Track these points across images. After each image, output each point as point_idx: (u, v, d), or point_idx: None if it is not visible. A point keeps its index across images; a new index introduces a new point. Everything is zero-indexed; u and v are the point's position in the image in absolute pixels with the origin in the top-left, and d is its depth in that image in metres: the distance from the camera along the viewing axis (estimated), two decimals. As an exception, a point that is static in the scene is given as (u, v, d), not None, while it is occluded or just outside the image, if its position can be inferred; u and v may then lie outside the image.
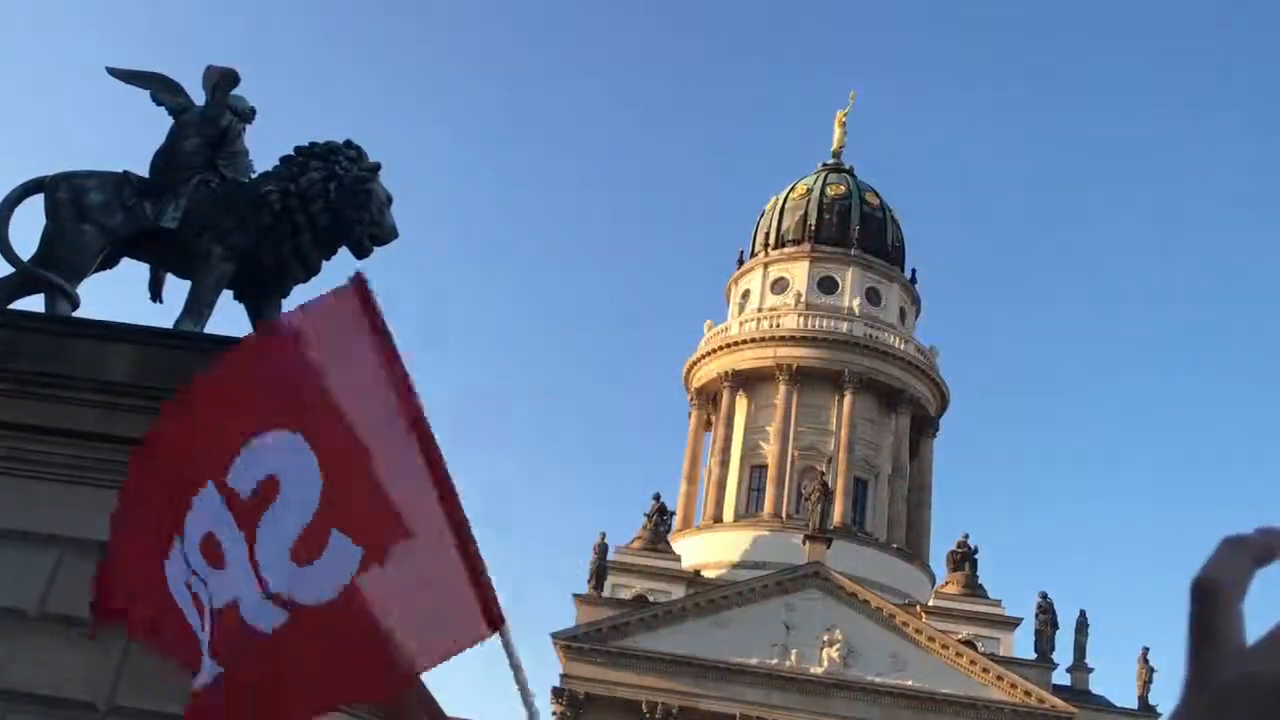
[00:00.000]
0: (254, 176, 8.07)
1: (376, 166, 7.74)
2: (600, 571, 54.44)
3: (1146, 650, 51.41)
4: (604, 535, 55.38)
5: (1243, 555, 0.66)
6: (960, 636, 50.35)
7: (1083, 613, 53.60)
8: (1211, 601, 0.64)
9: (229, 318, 7.95)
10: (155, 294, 8.10)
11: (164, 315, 7.68)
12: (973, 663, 48.83)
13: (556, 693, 50.70)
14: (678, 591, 53.60)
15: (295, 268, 7.71)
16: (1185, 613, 0.64)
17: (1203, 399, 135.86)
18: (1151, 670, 50.90)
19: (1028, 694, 47.89)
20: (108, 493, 6.50)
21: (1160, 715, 50.45)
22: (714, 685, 49.16)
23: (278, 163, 7.85)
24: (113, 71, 8.31)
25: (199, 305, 7.47)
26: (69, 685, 6.06)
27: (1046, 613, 51.15)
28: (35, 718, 5.97)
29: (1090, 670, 52.93)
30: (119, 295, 8.72)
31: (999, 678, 48.34)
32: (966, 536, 56.41)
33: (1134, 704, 50.89)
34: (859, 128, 77.86)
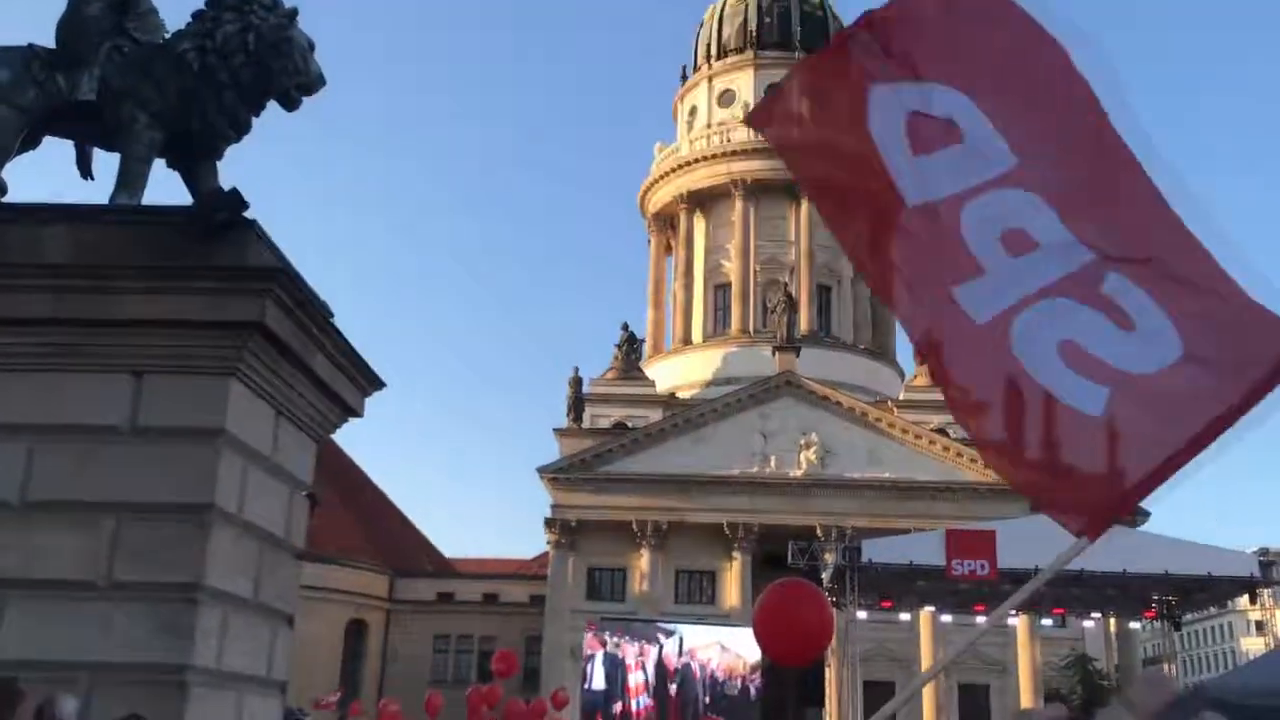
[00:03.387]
0: (167, 37, 7.72)
1: (294, 12, 7.40)
2: (577, 404, 55.27)
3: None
4: (577, 369, 56.07)
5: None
6: (932, 426, 51.78)
7: (1049, 390, 55.21)
8: None
9: (165, 187, 7.73)
10: (84, 171, 7.83)
11: (98, 192, 7.46)
12: (945, 449, 50.39)
13: (548, 523, 52.17)
14: (655, 415, 54.58)
15: (224, 128, 7.47)
16: None
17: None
18: (1117, 437, 52.75)
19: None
20: (66, 377, 6.47)
21: (1127, 478, 52.76)
22: (699, 498, 50.64)
23: (189, 19, 7.49)
24: (-2, -62, 7.81)
25: (132, 177, 7.24)
26: (65, 567, 6.14)
27: (1014, 394, 52.60)
28: (35, 601, 6.08)
29: (1059, 444, 54.82)
30: (46, 176, 8.45)
31: (972, 460, 49.97)
32: (932, 329, 57.41)
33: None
34: (791, -76, 74.92)
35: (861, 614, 30.40)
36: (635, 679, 39.60)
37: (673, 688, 39.43)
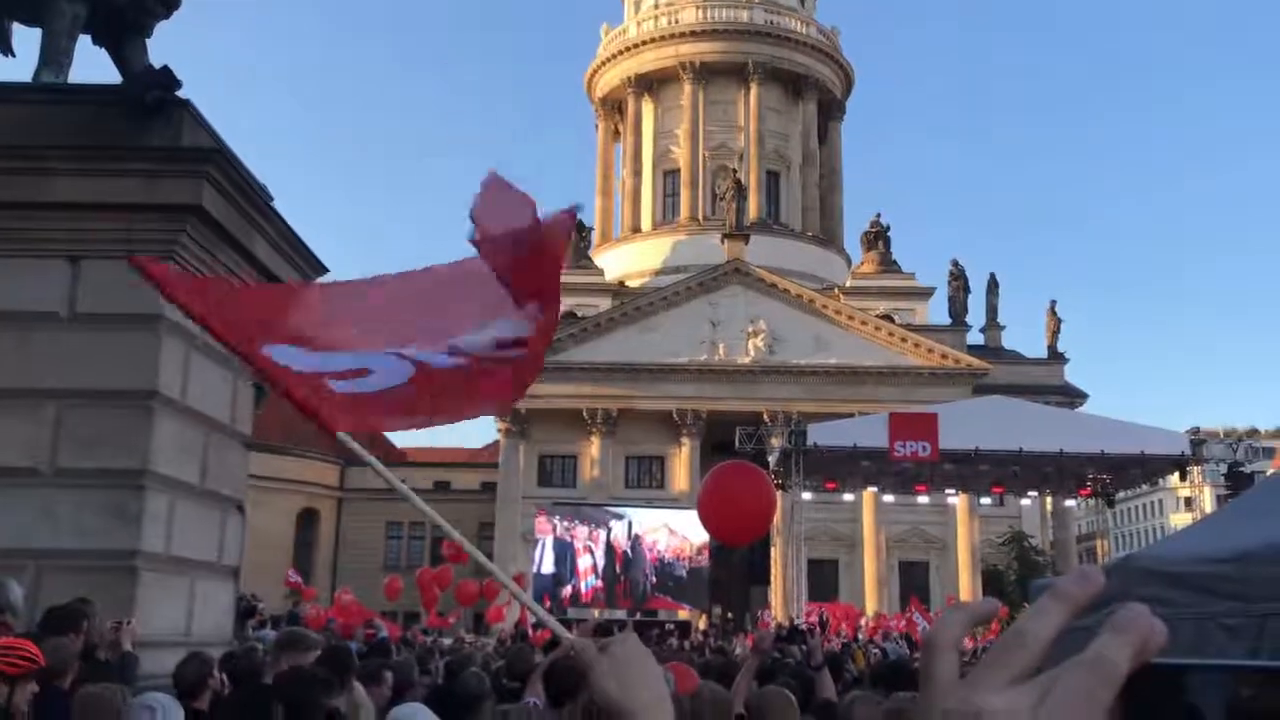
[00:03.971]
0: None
1: (220, -122, 7.07)
2: (526, 293, 55.01)
3: (1054, 303, 53.90)
4: (525, 257, 55.62)
5: (962, 616, 0.83)
6: (878, 312, 52.30)
7: (993, 275, 55.78)
8: (931, 651, 0.79)
9: (92, 65, 7.44)
10: (4, 47, 7.51)
11: (19, 69, 7.17)
12: (890, 334, 50.99)
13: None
14: (604, 304, 54.52)
15: (152, 2, 7.17)
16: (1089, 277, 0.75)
17: (1104, 52, 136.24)
18: (1059, 321, 53.53)
19: (944, 357, 50.42)
20: (0, 263, 6.30)
21: (1068, 361, 53.82)
22: (648, 386, 51.03)
23: (110, -115, 7.11)
24: None
25: (56, 54, 6.96)
26: (6, 454, 6.08)
27: (958, 279, 53.06)
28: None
29: (1002, 328, 55.64)
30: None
31: (916, 345, 50.70)
32: (879, 216, 57.53)
33: (1043, 353, 53.90)
34: None
35: (806, 495, 31.08)
36: (584, 562, 40.34)
37: (621, 570, 40.27)
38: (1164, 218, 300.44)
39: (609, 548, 40.47)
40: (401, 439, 78.50)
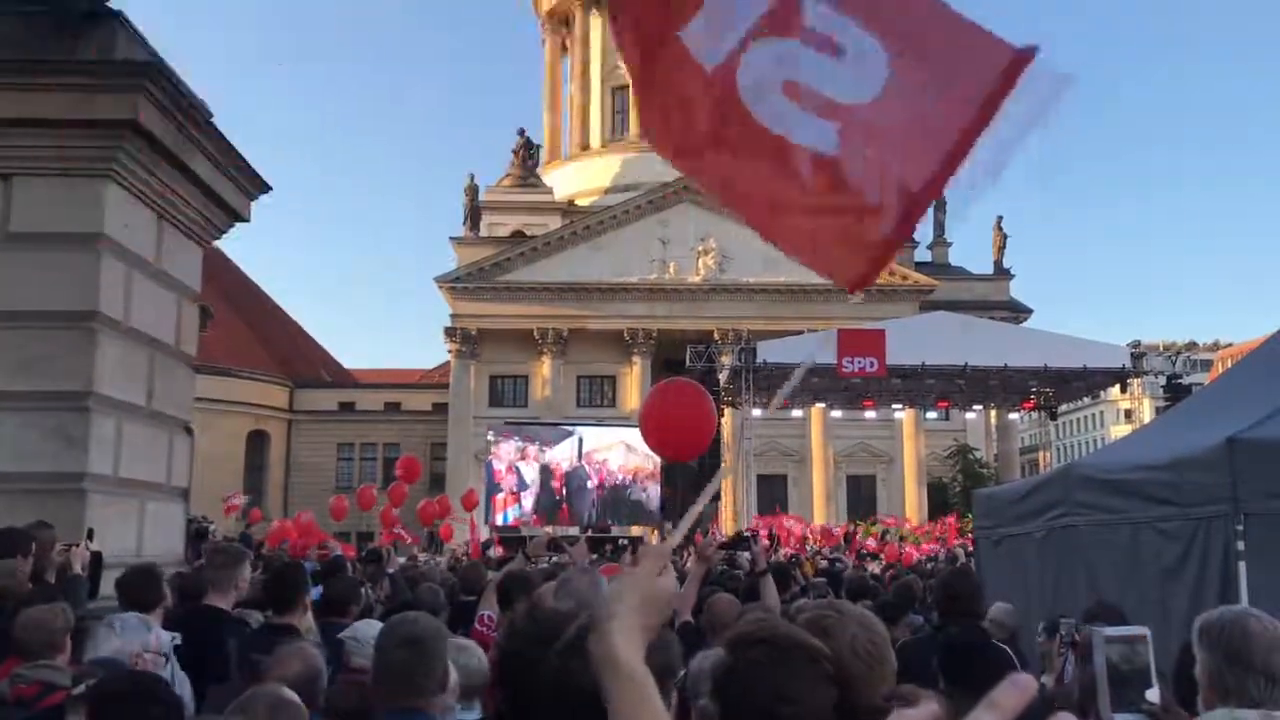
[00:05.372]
0: None
1: None
2: (474, 212, 54.40)
3: (1000, 219, 54.33)
4: (473, 176, 54.91)
5: None
6: (828, 229, 52.37)
7: (941, 192, 55.90)
8: None
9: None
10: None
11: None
12: (841, 252, 51.14)
13: (449, 332, 52.13)
14: (553, 223, 54.11)
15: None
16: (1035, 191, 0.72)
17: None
18: (1005, 237, 54.02)
19: (891, 273, 50.75)
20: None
21: (1013, 276, 54.48)
22: (599, 305, 50.97)
23: None
24: None
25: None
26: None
27: (907, 196, 53.15)
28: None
29: (949, 245, 56.06)
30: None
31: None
32: (829, 132, 57.26)
33: (990, 270, 54.48)
34: None
35: (756, 412, 31.41)
36: (505, 483, 39.64)
37: (562, 496, 39.76)
38: (1109, 135, 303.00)
39: (547, 470, 40.19)
40: (350, 361, 77.94)
